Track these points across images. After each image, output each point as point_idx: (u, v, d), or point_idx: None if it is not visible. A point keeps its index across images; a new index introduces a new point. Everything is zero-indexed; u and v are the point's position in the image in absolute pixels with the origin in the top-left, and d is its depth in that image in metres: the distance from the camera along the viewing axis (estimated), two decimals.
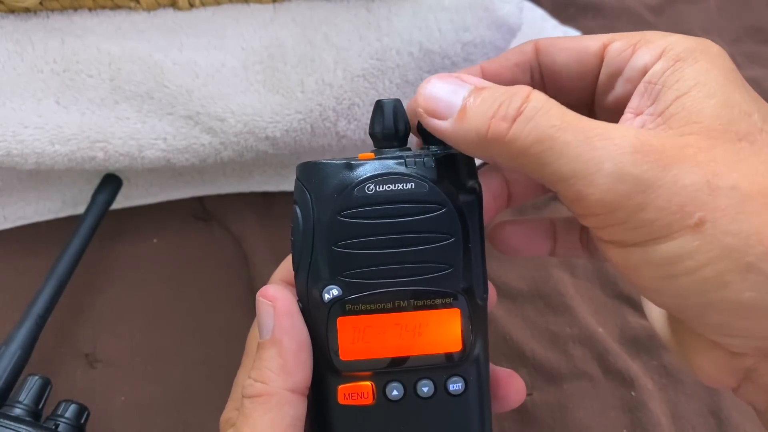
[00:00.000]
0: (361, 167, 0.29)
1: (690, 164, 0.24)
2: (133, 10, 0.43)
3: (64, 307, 0.43)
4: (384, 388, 0.29)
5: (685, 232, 0.23)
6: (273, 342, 0.28)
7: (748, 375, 0.27)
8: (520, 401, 0.33)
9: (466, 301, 0.29)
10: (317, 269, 0.28)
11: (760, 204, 0.23)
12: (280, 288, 0.29)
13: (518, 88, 0.27)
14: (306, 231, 0.29)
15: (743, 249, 0.23)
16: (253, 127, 0.42)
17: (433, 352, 0.29)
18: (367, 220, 0.28)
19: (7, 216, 0.47)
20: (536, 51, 0.31)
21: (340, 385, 0.29)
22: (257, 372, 0.28)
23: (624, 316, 0.47)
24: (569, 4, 0.62)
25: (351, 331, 0.29)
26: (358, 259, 0.28)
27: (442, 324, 0.29)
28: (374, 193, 0.28)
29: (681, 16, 0.63)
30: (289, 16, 0.44)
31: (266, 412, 0.27)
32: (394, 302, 0.29)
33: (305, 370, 0.28)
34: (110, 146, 0.41)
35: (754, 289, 0.23)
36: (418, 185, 0.28)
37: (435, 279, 0.29)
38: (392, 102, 0.31)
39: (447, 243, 0.29)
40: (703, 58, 0.26)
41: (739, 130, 0.24)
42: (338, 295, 0.28)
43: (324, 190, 0.28)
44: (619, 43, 0.29)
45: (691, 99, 0.25)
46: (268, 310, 0.29)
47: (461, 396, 0.30)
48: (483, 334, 0.30)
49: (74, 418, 0.37)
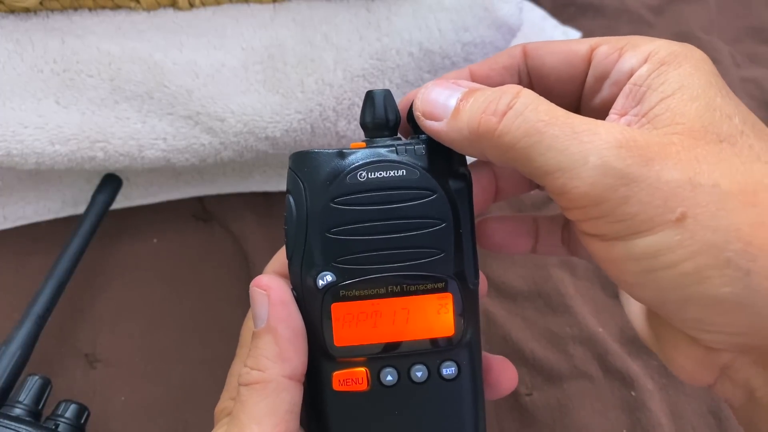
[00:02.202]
0: (353, 155, 0.29)
1: (673, 161, 0.24)
2: (133, 10, 0.43)
3: (64, 307, 0.43)
4: (378, 374, 0.29)
5: (666, 226, 0.24)
6: (268, 330, 0.28)
7: (724, 371, 0.27)
8: (511, 388, 0.34)
9: (458, 286, 0.29)
10: (311, 256, 0.29)
11: (739, 202, 0.24)
12: (274, 277, 0.30)
13: (509, 86, 0.27)
14: (299, 219, 0.29)
15: (722, 245, 0.23)
16: (253, 127, 0.42)
17: (427, 336, 0.29)
18: (360, 206, 0.29)
19: (7, 216, 0.47)
20: (525, 54, 0.32)
21: (334, 372, 0.29)
22: (253, 360, 0.28)
23: (624, 316, 0.47)
24: (569, 4, 0.62)
25: (345, 317, 0.29)
26: (351, 245, 0.29)
27: (435, 309, 0.29)
28: (366, 180, 0.29)
29: (681, 16, 0.63)
30: (289, 15, 0.44)
31: (263, 399, 0.27)
32: (387, 287, 0.29)
33: (301, 356, 0.29)
34: (110, 146, 0.41)
35: (731, 285, 0.23)
36: (410, 172, 0.29)
37: (427, 264, 0.29)
38: (382, 92, 0.31)
39: (438, 228, 0.29)
40: (687, 62, 0.27)
41: (721, 131, 0.25)
42: (332, 281, 0.29)
43: (317, 178, 0.29)
44: (606, 47, 0.29)
45: (675, 101, 0.26)
46: (263, 299, 0.29)
47: (454, 380, 0.30)
48: (475, 318, 0.31)
49: (74, 418, 0.37)
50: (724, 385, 0.28)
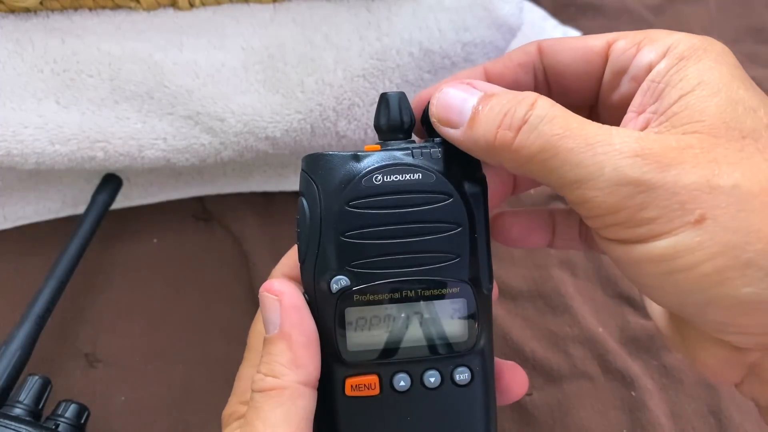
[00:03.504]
0: (368, 158, 0.29)
1: (691, 164, 0.24)
2: (133, 10, 0.43)
3: (64, 307, 0.43)
4: (391, 379, 0.29)
5: (685, 228, 0.23)
6: (282, 336, 0.28)
7: (751, 370, 0.27)
8: (522, 393, 0.33)
9: (473, 291, 0.29)
10: (325, 260, 0.28)
11: (761, 202, 0.23)
12: (285, 282, 0.29)
13: (525, 95, 0.27)
14: (313, 222, 0.29)
15: (743, 246, 0.23)
16: (253, 127, 0.42)
17: (440, 342, 0.29)
18: (375, 210, 0.28)
19: (7, 216, 0.47)
20: (540, 51, 0.31)
21: (347, 377, 0.29)
22: (267, 366, 0.28)
23: (624, 316, 0.47)
24: (569, 4, 0.62)
25: (359, 322, 0.29)
26: (366, 249, 0.28)
27: (449, 314, 0.29)
28: (382, 183, 0.28)
29: (681, 16, 0.63)
30: (289, 15, 0.44)
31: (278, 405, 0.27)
32: (402, 292, 0.29)
33: (315, 362, 0.28)
34: (110, 146, 0.41)
35: (753, 285, 0.23)
36: (426, 175, 0.29)
37: (442, 269, 0.29)
38: (397, 94, 0.31)
39: (454, 233, 0.29)
40: (707, 56, 0.26)
41: (744, 127, 0.25)
42: (346, 285, 0.28)
43: (331, 181, 0.28)
44: (624, 41, 0.29)
45: (695, 97, 0.25)
46: (274, 305, 0.28)
47: (468, 386, 0.30)
48: (488, 324, 0.30)
49: (74, 418, 0.37)
50: (752, 383, 0.27)
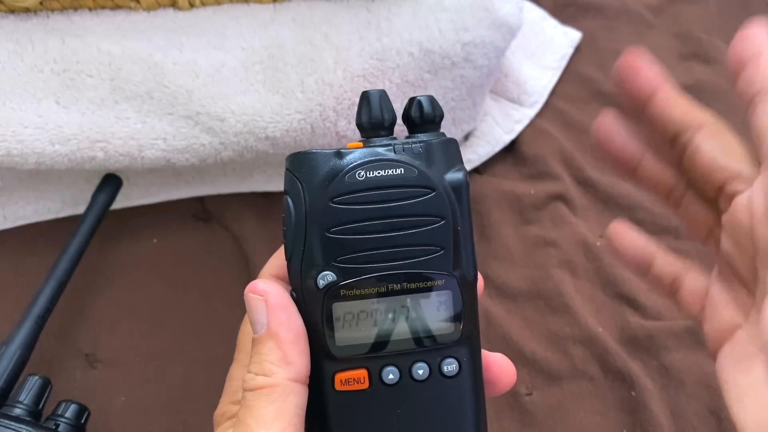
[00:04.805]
0: (350, 155, 0.29)
1: None
2: (133, 10, 0.43)
3: (64, 307, 0.43)
4: (380, 373, 0.30)
5: None
6: (269, 335, 0.28)
7: None
8: (510, 384, 0.33)
9: (458, 283, 0.30)
10: (311, 256, 0.29)
11: None
12: (269, 282, 0.30)
13: None
14: (298, 219, 0.29)
15: None
16: (253, 127, 0.42)
17: (427, 334, 0.30)
18: (359, 205, 0.29)
19: (7, 216, 0.47)
20: None
21: (336, 372, 0.29)
22: (257, 366, 0.28)
23: (624, 316, 0.47)
24: (569, 4, 0.62)
25: (346, 317, 0.29)
26: (351, 244, 0.29)
27: (435, 305, 0.30)
28: (365, 179, 0.29)
29: (681, 16, 0.63)
30: (289, 15, 0.44)
31: (270, 403, 0.27)
32: (388, 285, 0.29)
33: (304, 358, 0.29)
34: (110, 146, 0.41)
35: None
36: (408, 170, 0.29)
37: (427, 261, 0.29)
38: (378, 92, 0.31)
39: (437, 226, 0.29)
40: None
41: None
42: (333, 280, 0.29)
43: (315, 178, 0.29)
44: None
45: None
46: (260, 305, 0.29)
47: (455, 377, 0.30)
48: (474, 315, 0.31)
49: (74, 418, 0.37)
50: None
